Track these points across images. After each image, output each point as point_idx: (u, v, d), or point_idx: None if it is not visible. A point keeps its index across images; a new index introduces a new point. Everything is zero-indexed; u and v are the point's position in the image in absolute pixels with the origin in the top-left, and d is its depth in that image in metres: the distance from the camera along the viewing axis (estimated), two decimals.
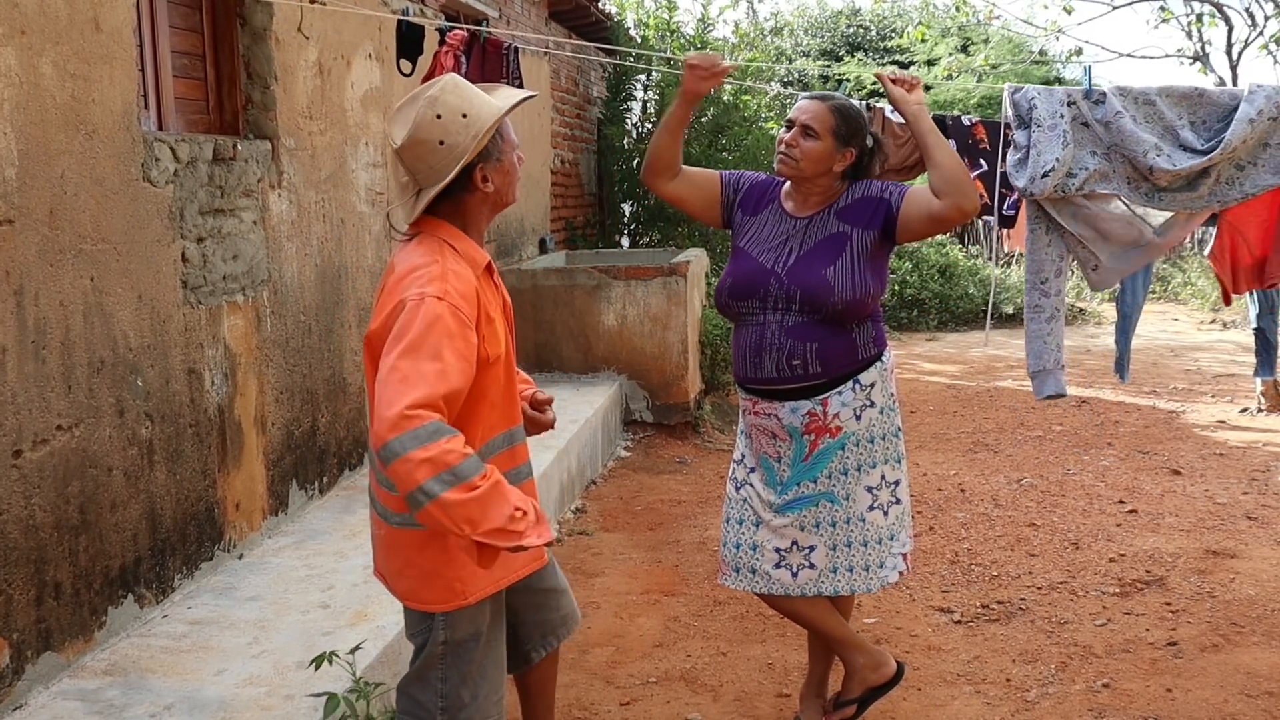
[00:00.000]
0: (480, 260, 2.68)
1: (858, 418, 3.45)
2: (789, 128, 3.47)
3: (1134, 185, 4.23)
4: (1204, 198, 4.19)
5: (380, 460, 2.34)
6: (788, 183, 3.55)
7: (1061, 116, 4.21)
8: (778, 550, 3.50)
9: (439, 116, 2.59)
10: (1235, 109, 4.11)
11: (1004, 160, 4.55)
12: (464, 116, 2.59)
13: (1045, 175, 4.17)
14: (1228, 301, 4.99)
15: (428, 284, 2.49)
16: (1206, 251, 6.85)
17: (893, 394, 3.56)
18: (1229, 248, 4.60)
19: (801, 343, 3.38)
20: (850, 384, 3.43)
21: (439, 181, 2.61)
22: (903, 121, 4.82)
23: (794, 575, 3.51)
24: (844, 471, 3.46)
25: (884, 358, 3.53)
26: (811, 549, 3.49)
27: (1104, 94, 4.20)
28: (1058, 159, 4.15)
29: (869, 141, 3.50)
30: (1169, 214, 4.41)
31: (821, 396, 3.41)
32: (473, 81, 4.89)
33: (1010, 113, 4.37)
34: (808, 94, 3.53)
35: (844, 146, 3.43)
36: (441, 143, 2.58)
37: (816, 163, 3.43)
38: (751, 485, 3.58)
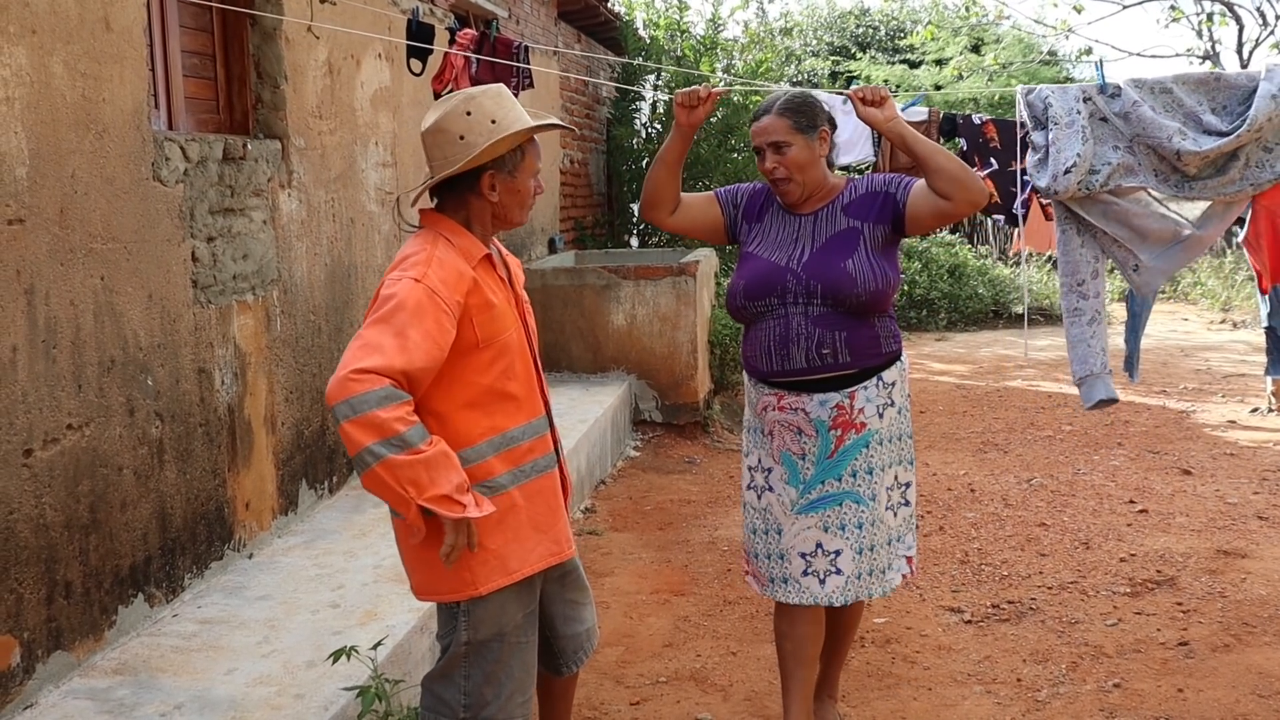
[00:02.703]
0: (477, 252, 2.71)
1: (880, 416, 3.43)
2: (760, 155, 3.47)
3: (1162, 176, 4.15)
4: (1235, 182, 4.09)
5: (335, 420, 2.43)
6: None
7: (1078, 113, 4.15)
8: (803, 555, 3.43)
9: (469, 114, 2.66)
10: (1255, 89, 4.06)
11: (1022, 159, 4.51)
12: (493, 122, 2.65)
13: (1067, 172, 4.10)
14: (1265, 290, 4.93)
15: (410, 268, 2.57)
16: (1240, 239, 6.79)
17: (908, 395, 3.55)
18: (1266, 233, 4.52)
19: (830, 332, 3.35)
20: (874, 380, 3.42)
21: (447, 170, 2.67)
22: (915, 120, 4.82)
23: (822, 582, 3.43)
24: (868, 471, 3.42)
25: (902, 358, 3.53)
26: (837, 553, 3.41)
27: (1119, 87, 4.15)
28: (1078, 154, 4.08)
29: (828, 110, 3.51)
30: (1204, 205, 4.31)
31: (849, 389, 3.39)
32: (483, 80, 4.90)
33: (1025, 114, 4.31)
34: (754, 115, 3.50)
35: (813, 134, 3.42)
36: (462, 138, 2.65)
37: (804, 167, 3.43)
38: (771, 490, 3.51)
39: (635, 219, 12.51)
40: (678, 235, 11.87)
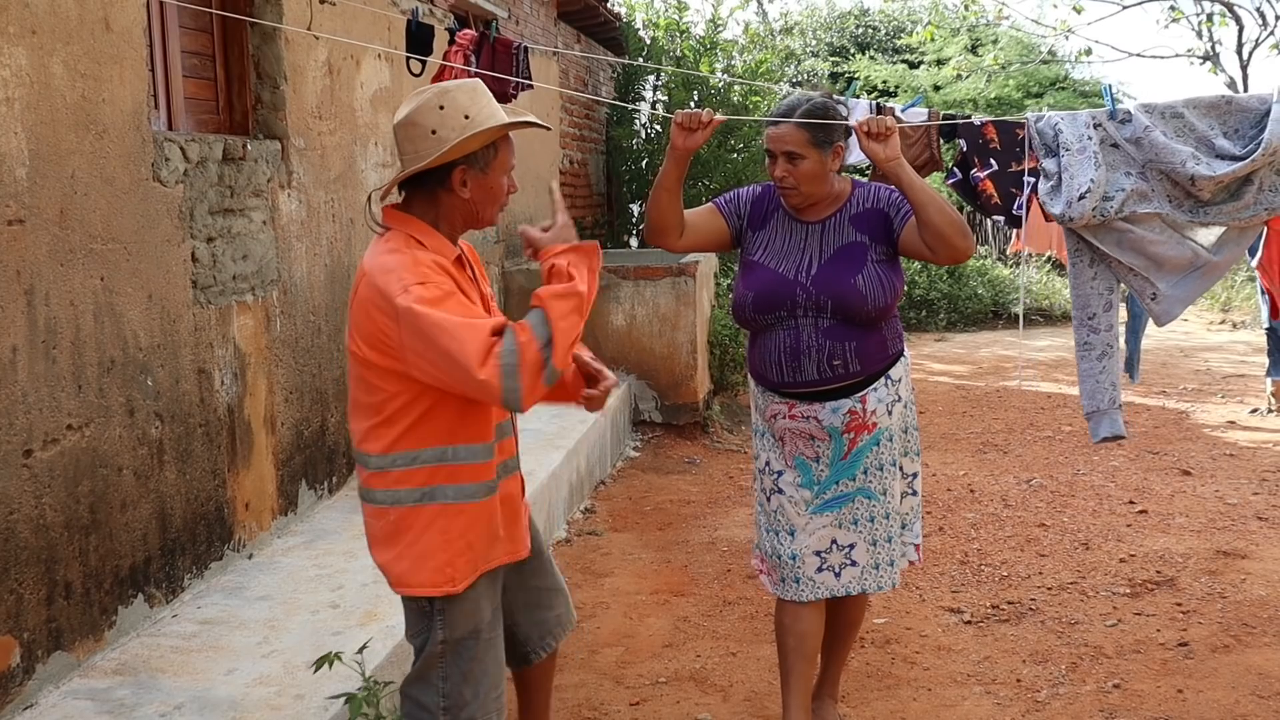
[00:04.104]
0: (448, 254, 2.67)
1: (889, 413, 3.47)
2: (772, 158, 3.45)
3: (1176, 203, 4.11)
4: (1250, 206, 4.06)
5: (519, 408, 2.48)
6: None
7: (1089, 139, 4.12)
8: (818, 554, 3.48)
9: (441, 108, 2.60)
10: (1268, 112, 4.03)
11: (1023, 161, 4.48)
12: (466, 117, 2.60)
13: (1082, 198, 4.06)
14: (1276, 315, 4.90)
15: (404, 275, 2.51)
16: (1254, 263, 6.77)
17: (912, 388, 3.60)
18: (1277, 257, 4.46)
19: (840, 343, 3.38)
20: (883, 380, 3.46)
21: (417, 164, 2.61)
22: (914, 124, 4.82)
23: (837, 575, 3.49)
24: (879, 467, 3.47)
25: (905, 353, 3.57)
26: (851, 546, 3.48)
27: (1129, 113, 4.12)
28: (1092, 180, 4.03)
29: (846, 119, 3.46)
30: (1219, 231, 4.27)
31: (860, 394, 3.43)
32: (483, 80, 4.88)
33: (1036, 141, 4.29)
34: (771, 116, 3.47)
35: (828, 149, 3.41)
36: (434, 132, 2.59)
37: (814, 180, 3.42)
38: (781, 492, 3.53)
39: (635, 219, 12.50)
40: None
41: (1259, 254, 4.57)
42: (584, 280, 2.55)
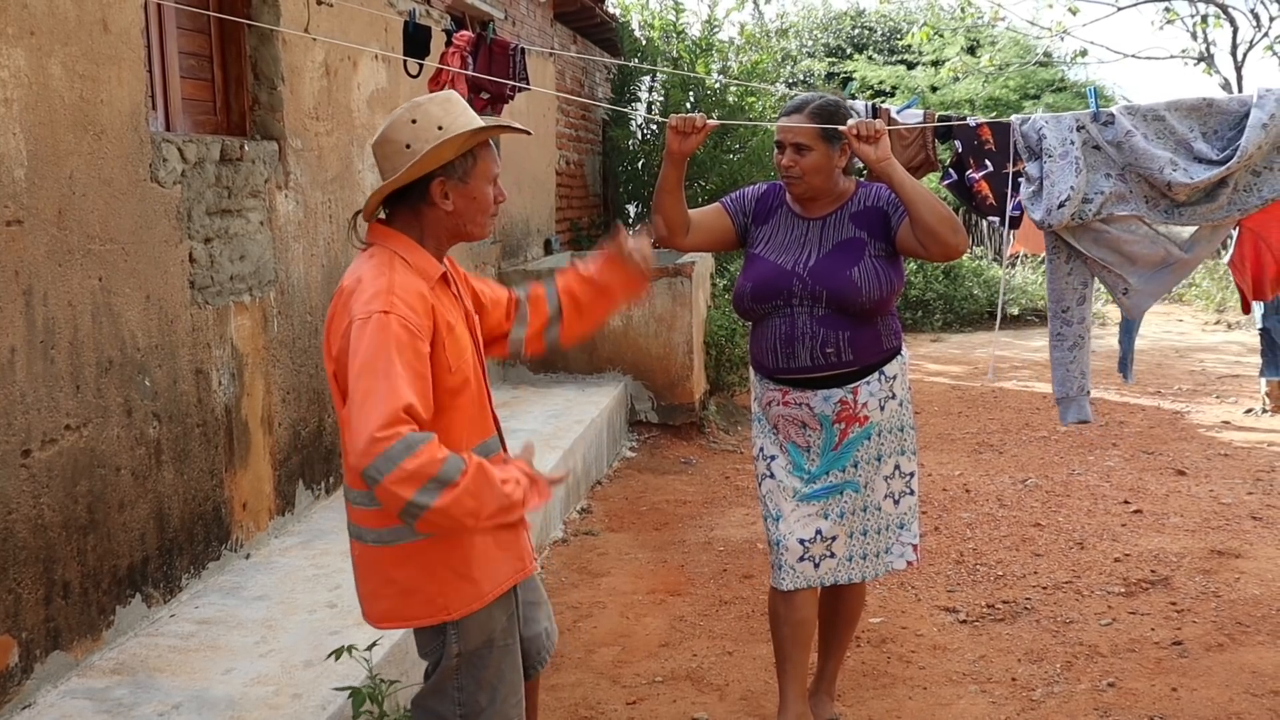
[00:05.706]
0: (433, 272, 2.61)
1: (881, 408, 3.55)
2: (780, 148, 3.53)
3: (1152, 204, 4.17)
4: (1224, 207, 4.12)
5: (366, 485, 2.38)
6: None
7: (1072, 143, 4.16)
8: (801, 541, 3.54)
9: (414, 121, 2.56)
10: (1246, 115, 4.07)
11: (1017, 162, 4.50)
12: (439, 128, 2.55)
13: (1061, 205, 4.11)
14: (1246, 310, 4.94)
15: (372, 300, 2.46)
16: (1226, 259, 6.79)
17: (908, 387, 3.66)
18: (1250, 256, 4.50)
19: (834, 332, 3.45)
20: (876, 375, 3.53)
21: (394, 178, 2.57)
22: (910, 125, 4.85)
23: (816, 566, 3.56)
24: (868, 461, 3.55)
25: (902, 352, 3.64)
26: (834, 539, 3.56)
27: (1112, 115, 4.16)
28: (1072, 187, 4.09)
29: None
30: (1193, 228, 4.33)
31: (852, 385, 3.50)
32: (479, 83, 4.89)
33: (1020, 144, 4.33)
34: (785, 110, 3.55)
35: (836, 145, 3.50)
36: (408, 146, 2.55)
37: (819, 172, 3.51)
38: (772, 476, 3.62)
39: (631, 220, 12.50)
40: None
41: (1230, 252, 4.57)
42: (491, 508, 2.45)
